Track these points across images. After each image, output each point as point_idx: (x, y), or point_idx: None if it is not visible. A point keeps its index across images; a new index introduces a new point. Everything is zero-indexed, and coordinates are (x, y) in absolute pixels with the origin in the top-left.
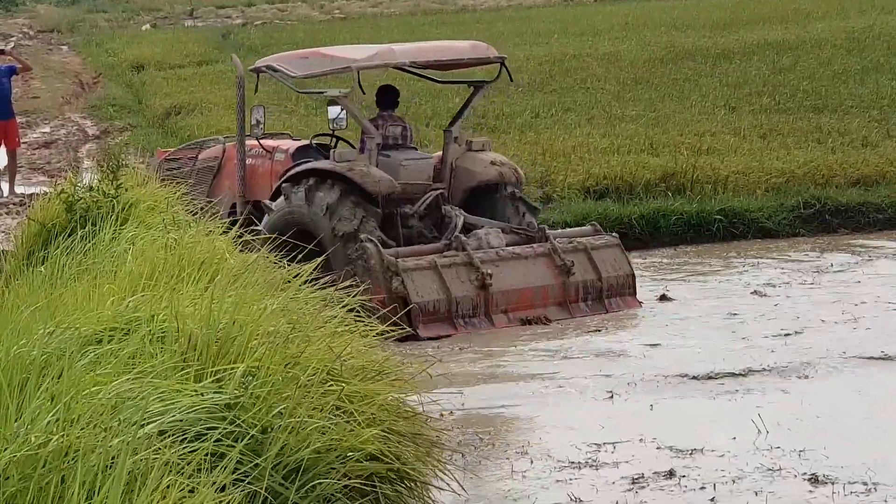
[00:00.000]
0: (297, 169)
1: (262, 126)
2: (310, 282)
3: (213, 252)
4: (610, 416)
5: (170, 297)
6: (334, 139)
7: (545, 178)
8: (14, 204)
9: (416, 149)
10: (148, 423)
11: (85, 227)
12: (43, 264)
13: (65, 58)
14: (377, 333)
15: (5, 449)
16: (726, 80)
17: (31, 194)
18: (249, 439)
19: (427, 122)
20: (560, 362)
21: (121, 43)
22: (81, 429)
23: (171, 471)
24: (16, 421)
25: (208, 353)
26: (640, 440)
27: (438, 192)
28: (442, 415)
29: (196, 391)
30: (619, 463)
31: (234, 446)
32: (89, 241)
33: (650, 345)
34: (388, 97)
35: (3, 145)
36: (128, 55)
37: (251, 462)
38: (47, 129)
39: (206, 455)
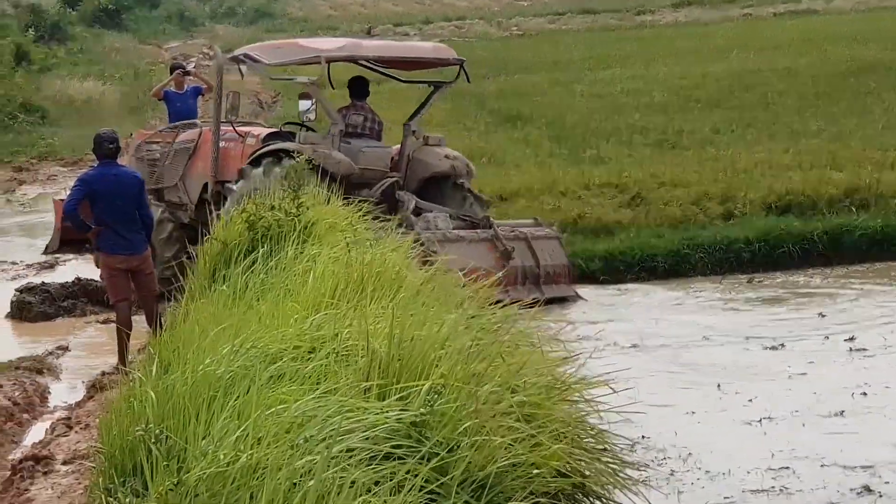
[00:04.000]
0: (264, 149)
1: (236, 110)
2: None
3: (394, 268)
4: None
5: (353, 315)
6: (303, 128)
7: (726, 194)
8: None
9: (381, 139)
10: (333, 441)
11: (266, 246)
12: (225, 283)
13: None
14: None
15: (195, 466)
16: None
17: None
18: (437, 459)
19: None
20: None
21: None
22: (268, 446)
23: (358, 489)
24: (204, 438)
25: (391, 370)
26: (822, 465)
27: (394, 179)
28: (634, 444)
29: (381, 409)
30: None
31: (419, 464)
32: (271, 260)
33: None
34: (358, 87)
35: None
36: (306, 74)
37: (437, 480)
38: None
39: (392, 473)
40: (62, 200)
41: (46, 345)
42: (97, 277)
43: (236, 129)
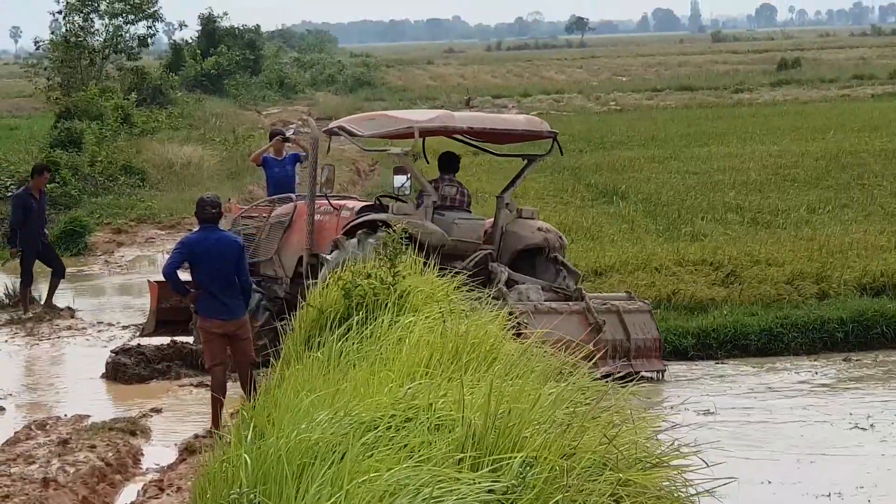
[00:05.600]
0: (358, 220)
1: (331, 184)
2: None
3: (490, 339)
4: None
5: (448, 385)
6: (397, 201)
7: (821, 274)
8: None
9: (471, 211)
10: None
11: (361, 314)
12: (320, 349)
13: (342, 145)
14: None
15: None
16: None
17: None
18: None
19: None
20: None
21: None
22: None
23: None
24: None
25: (486, 442)
26: None
27: (488, 251)
28: None
29: (473, 480)
30: None
31: None
32: (366, 328)
33: None
34: (449, 162)
35: None
36: (404, 143)
37: None
38: None
39: None
40: (157, 282)
41: (140, 407)
42: (192, 341)
43: (331, 202)
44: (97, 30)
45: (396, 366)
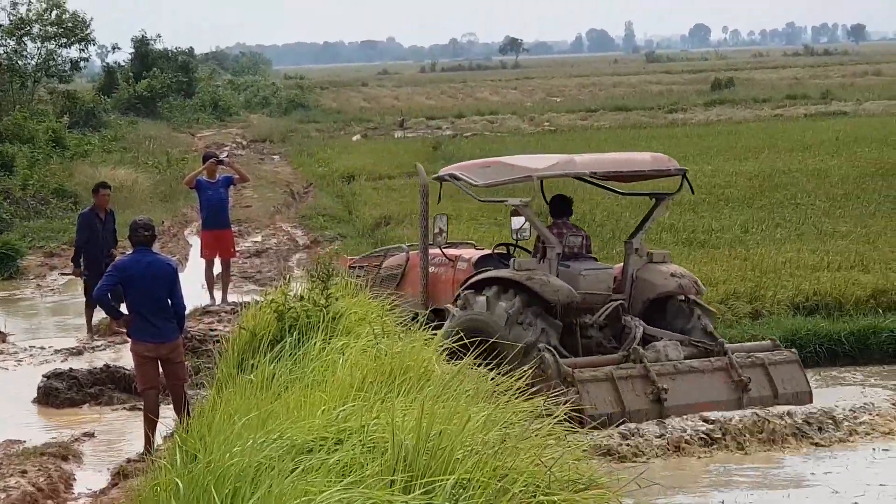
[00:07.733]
0: (478, 277)
1: (444, 235)
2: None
3: (422, 362)
4: None
5: (380, 407)
6: (515, 249)
7: (754, 293)
8: (226, 312)
9: (596, 259)
10: None
11: (293, 336)
12: (253, 372)
13: (276, 167)
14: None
15: None
16: None
17: (243, 303)
18: None
19: None
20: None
21: (332, 153)
22: None
23: None
24: None
25: (418, 464)
26: None
27: (618, 302)
28: None
29: (406, 502)
30: None
31: None
32: (299, 350)
33: None
34: (562, 206)
35: (218, 254)
36: (338, 165)
37: None
38: (258, 238)
39: None
40: None
41: (72, 431)
42: (125, 365)
43: (445, 253)
44: (29, 53)
45: (329, 388)
